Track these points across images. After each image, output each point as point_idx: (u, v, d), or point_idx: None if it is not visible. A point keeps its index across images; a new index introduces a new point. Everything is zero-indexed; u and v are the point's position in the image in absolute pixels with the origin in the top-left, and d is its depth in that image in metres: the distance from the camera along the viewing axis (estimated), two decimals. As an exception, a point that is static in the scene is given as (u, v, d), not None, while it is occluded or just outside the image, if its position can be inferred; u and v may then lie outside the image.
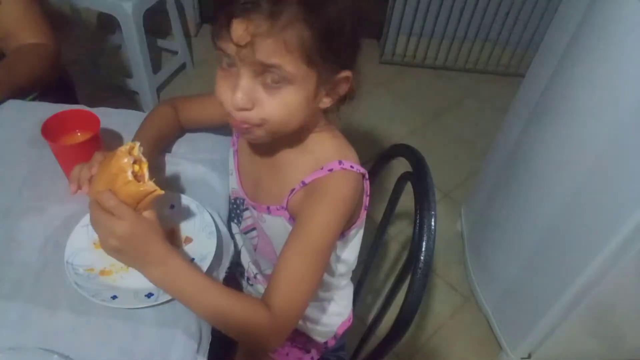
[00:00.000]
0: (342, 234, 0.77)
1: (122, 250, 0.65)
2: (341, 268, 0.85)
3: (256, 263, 0.90)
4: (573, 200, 1.17)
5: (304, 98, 0.63)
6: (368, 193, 0.76)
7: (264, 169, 0.79)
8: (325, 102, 0.67)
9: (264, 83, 0.62)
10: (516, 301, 1.44)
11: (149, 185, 0.65)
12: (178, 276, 0.65)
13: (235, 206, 0.86)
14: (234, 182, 0.85)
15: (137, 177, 0.66)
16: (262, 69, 0.60)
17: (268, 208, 0.77)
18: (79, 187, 0.79)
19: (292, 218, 0.74)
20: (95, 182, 0.69)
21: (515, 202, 1.41)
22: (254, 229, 0.84)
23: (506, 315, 1.50)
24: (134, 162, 0.66)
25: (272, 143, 0.74)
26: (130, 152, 0.66)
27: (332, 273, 0.84)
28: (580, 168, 1.13)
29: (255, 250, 0.87)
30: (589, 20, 1.10)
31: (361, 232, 0.81)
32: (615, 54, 1.02)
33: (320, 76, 0.62)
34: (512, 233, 1.42)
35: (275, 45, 0.58)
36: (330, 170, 0.69)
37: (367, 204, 0.76)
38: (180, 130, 0.95)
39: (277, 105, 0.63)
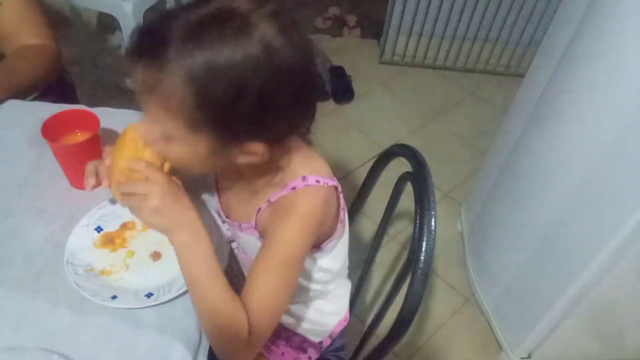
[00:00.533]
0: (319, 247, 0.76)
1: (161, 209, 0.62)
2: (325, 276, 0.83)
3: (240, 271, 0.91)
4: (573, 200, 1.17)
5: (195, 157, 0.63)
6: (343, 206, 0.75)
7: (235, 188, 0.79)
8: (242, 159, 0.64)
9: (160, 131, 0.62)
10: (516, 301, 1.44)
11: None
12: (200, 251, 0.64)
13: (219, 216, 0.86)
14: (215, 196, 0.85)
15: None
16: (150, 119, 0.61)
17: (240, 226, 0.77)
18: (99, 182, 0.73)
19: (262, 236, 0.74)
20: (115, 166, 0.68)
21: (515, 202, 1.41)
22: (233, 240, 0.85)
23: (506, 315, 1.50)
24: None
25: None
26: None
27: (316, 282, 0.84)
28: (580, 168, 1.13)
29: (237, 258, 0.88)
30: (589, 20, 1.10)
31: (342, 241, 0.80)
32: (615, 54, 1.02)
33: (206, 143, 0.61)
34: (512, 233, 1.42)
35: (159, 100, 0.58)
36: (294, 188, 0.68)
37: (342, 216, 0.75)
38: None
39: (171, 154, 0.65)
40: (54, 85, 1.19)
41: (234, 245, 0.86)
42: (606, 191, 1.09)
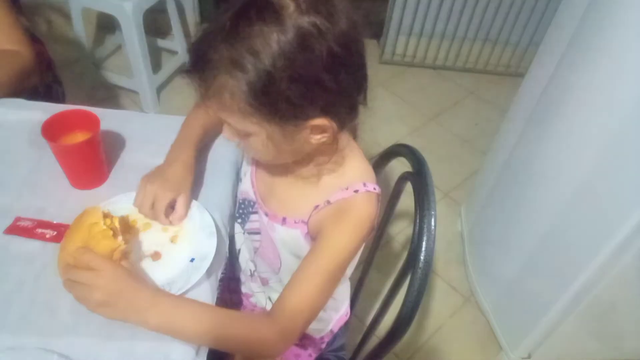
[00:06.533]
0: None
1: (109, 302, 0.64)
2: None
3: (254, 263, 0.91)
4: (573, 200, 1.17)
5: (266, 146, 0.65)
6: (378, 213, 0.77)
7: (282, 180, 0.79)
8: (316, 139, 0.66)
9: (235, 131, 0.66)
10: (516, 301, 1.44)
11: (119, 240, 0.68)
12: (174, 312, 0.65)
13: (242, 207, 0.86)
14: (247, 184, 0.85)
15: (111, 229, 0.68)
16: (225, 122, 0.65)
17: (284, 219, 0.77)
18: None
19: (309, 233, 0.75)
20: (65, 245, 0.69)
21: (515, 202, 1.41)
22: (258, 232, 0.84)
23: (506, 315, 1.50)
24: (105, 217, 0.69)
25: (299, 167, 0.75)
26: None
27: None
28: (580, 168, 1.13)
29: (255, 252, 0.87)
30: (589, 20, 1.10)
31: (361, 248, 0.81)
32: (615, 53, 1.02)
33: (273, 131, 0.63)
34: (512, 233, 1.42)
35: (217, 105, 0.62)
36: (356, 191, 0.71)
37: (375, 224, 0.77)
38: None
39: (250, 149, 0.69)
40: (42, 94, 1.18)
41: (255, 237, 0.85)
42: (606, 191, 1.09)
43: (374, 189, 0.72)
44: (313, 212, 0.73)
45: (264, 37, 0.56)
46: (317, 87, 0.59)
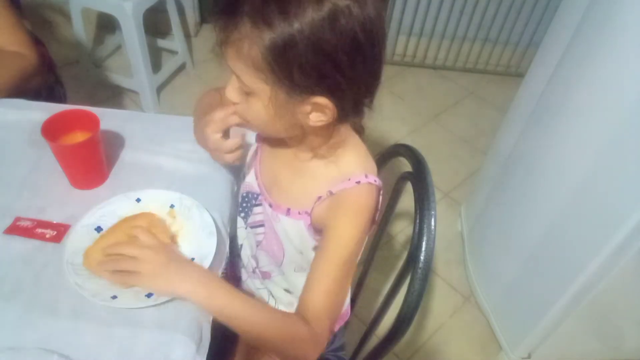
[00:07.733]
0: None
1: (158, 273, 0.67)
2: None
3: (255, 258, 0.91)
4: (573, 200, 1.17)
5: (265, 111, 0.66)
6: (379, 207, 0.77)
7: (285, 171, 0.80)
8: (312, 119, 0.66)
9: (241, 88, 0.67)
10: (516, 301, 1.44)
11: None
12: (222, 294, 0.67)
13: (246, 200, 0.86)
14: (250, 177, 0.85)
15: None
16: (234, 74, 0.65)
17: (288, 210, 0.77)
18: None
19: (312, 225, 0.75)
20: (105, 237, 0.74)
21: (515, 202, 1.41)
22: (261, 225, 0.84)
23: (506, 315, 1.50)
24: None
25: (293, 147, 0.76)
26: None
27: None
28: (580, 168, 1.13)
29: (257, 246, 0.87)
30: (589, 19, 1.10)
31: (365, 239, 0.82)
32: (615, 53, 1.02)
33: (278, 94, 0.63)
34: (512, 233, 1.42)
35: (234, 54, 0.63)
36: (358, 182, 0.71)
37: (376, 217, 0.77)
38: None
39: (248, 111, 0.69)
40: (44, 95, 1.18)
41: (259, 230, 0.85)
42: (606, 191, 1.09)
43: (375, 181, 0.73)
44: (316, 203, 0.74)
45: (300, 4, 0.57)
46: (331, 65, 0.60)
